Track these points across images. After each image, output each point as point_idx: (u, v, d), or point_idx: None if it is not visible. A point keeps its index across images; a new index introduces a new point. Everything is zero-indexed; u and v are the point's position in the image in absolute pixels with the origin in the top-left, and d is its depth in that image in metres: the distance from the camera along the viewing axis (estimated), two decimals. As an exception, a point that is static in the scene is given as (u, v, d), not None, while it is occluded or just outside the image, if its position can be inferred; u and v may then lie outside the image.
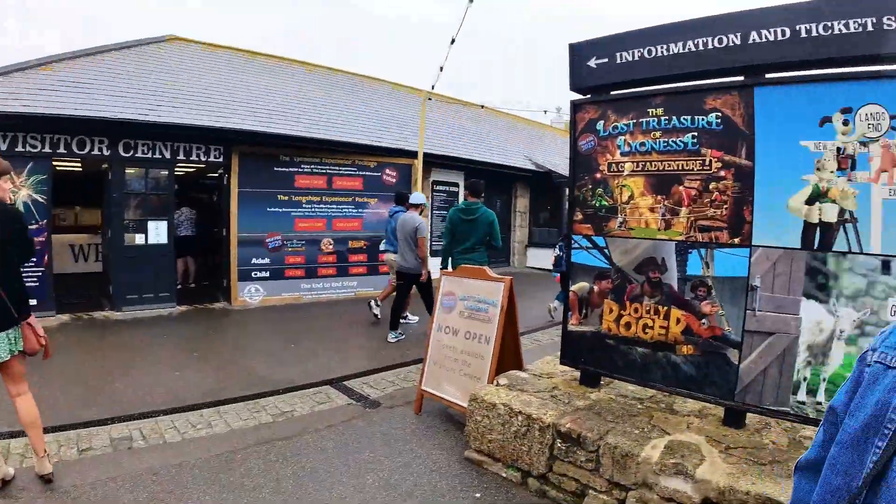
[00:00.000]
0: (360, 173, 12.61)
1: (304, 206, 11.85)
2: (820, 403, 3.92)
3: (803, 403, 3.98)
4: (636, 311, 4.69)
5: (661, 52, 4.56)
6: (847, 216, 3.80)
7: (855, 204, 3.78)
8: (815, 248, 3.90)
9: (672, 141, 4.52)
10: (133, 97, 10.55)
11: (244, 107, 12.10)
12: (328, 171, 12.21)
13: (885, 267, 3.68)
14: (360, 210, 12.61)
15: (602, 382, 5.21)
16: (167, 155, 10.56)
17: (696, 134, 4.42)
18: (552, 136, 26.33)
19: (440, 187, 15.37)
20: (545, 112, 34.03)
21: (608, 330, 4.85)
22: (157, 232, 10.55)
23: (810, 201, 3.93)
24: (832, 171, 3.85)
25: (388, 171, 12.98)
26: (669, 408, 4.76)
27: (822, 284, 3.90)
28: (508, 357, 5.59)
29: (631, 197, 4.71)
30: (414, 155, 13.00)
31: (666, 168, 4.54)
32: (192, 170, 14.24)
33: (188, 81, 12.56)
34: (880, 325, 3.59)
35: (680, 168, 4.48)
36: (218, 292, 11.69)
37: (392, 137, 14.01)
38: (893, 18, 3.67)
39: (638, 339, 4.69)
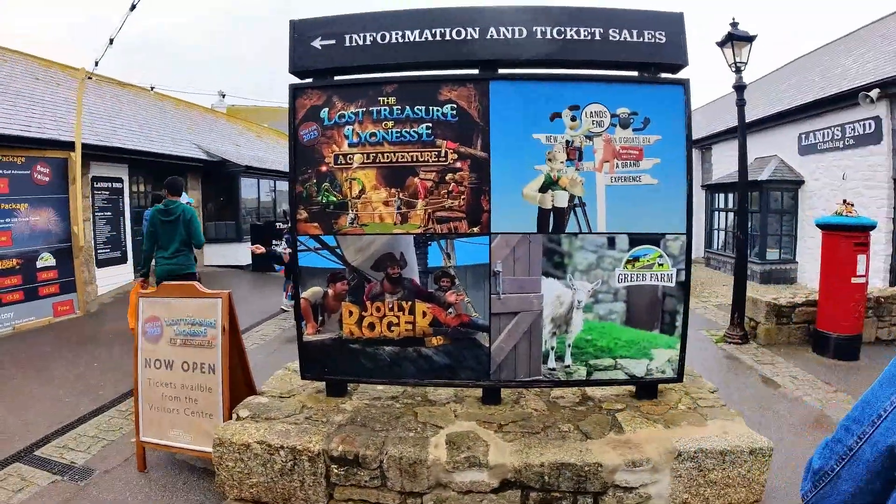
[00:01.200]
0: (6, 172, 10.51)
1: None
2: (568, 367, 4.64)
3: (553, 370, 4.64)
4: (378, 310, 4.68)
5: (397, 38, 4.53)
6: (577, 201, 4.50)
7: (583, 190, 4.50)
8: (550, 231, 4.52)
9: (406, 131, 4.56)
10: None
11: None
12: (-43, 169, 10.06)
13: (611, 243, 4.55)
14: (7, 220, 10.53)
15: (349, 388, 5.11)
16: None
17: (431, 125, 4.53)
18: (225, 123, 25.15)
19: (102, 184, 13.60)
20: (223, 97, 32.35)
21: (350, 334, 4.74)
22: None
23: (543, 189, 4.50)
24: (562, 162, 4.49)
25: (39, 167, 11.03)
26: (426, 399, 4.97)
27: (559, 263, 4.56)
28: (238, 382, 5.06)
29: (362, 191, 4.61)
30: (69, 147, 11.34)
31: (400, 160, 4.57)
32: None
33: None
34: (610, 292, 4.57)
35: (415, 160, 4.55)
36: None
37: (43, 126, 12.00)
38: (617, 31, 4.42)
39: (384, 338, 4.74)
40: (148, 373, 5.07)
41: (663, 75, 4.63)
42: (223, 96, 32.60)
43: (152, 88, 15.43)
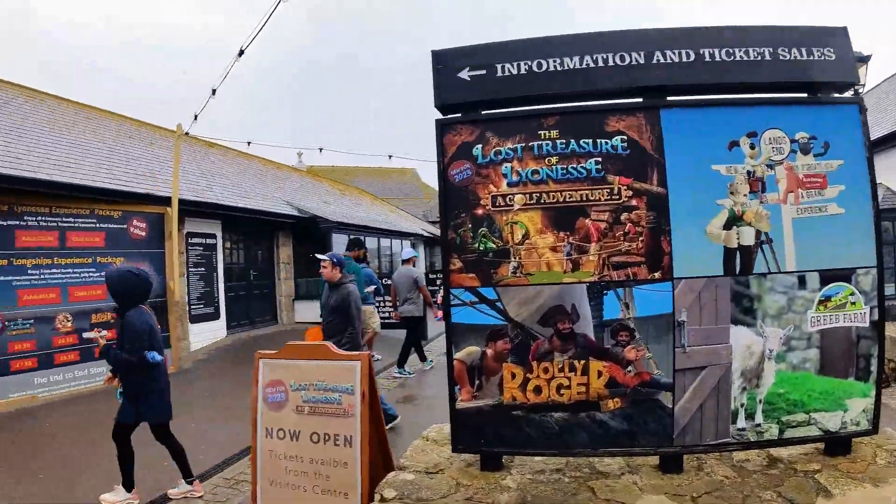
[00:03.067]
0: (102, 226, 10.67)
1: (29, 271, 9.65)
2: (759, 425, 4.03)
3: (743, 430, 4.05)
4: (546, 371, 4.07)
5: (555, 65, 4.10)
6: (763, 237, 4.02)
7: (769, 225, 4.02)
8: (737, 272, 4.02)
9: (572, 168, 4.05)
10: None
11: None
12: (61, 224, 10.13)
13: (801, 282, 4.05)
14: (102, 274, 10.52)
15: (504, 461, 4.44)
16: None
17: (599, 159, 4.03)
18: (310, 181, 25.54)
19: (196, 240, 13.67)
20: (299, 155, 33.09)
21: (513, 399, 4.12)
22: None
23: (728, 226, 4.01)
24: (745, 195, 4.01)
25: (136, 221, 11.16)
26: (594, 470, 4.33)
27: (748, 308, 4.04)
28: (375, 455, 4.48)
29: (526, 235, 4.09)
30: (165, 202, 11.41)
31: (567, 199, 4.05)
32: None
33: None
34: (803, 338, 4.02)
35: (584, 198, 4.03)
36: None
37: (139, 182, 12.16)
38: (786, 50, 4.03)
39: (553, 403, 4.09)
40: (269, 444, 4.64)
41: (835, 95, 4.25)
42: (300, 156, 33.27)
43: (249, 144, 15.47)
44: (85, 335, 8.89)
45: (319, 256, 7.30)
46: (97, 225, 10.60)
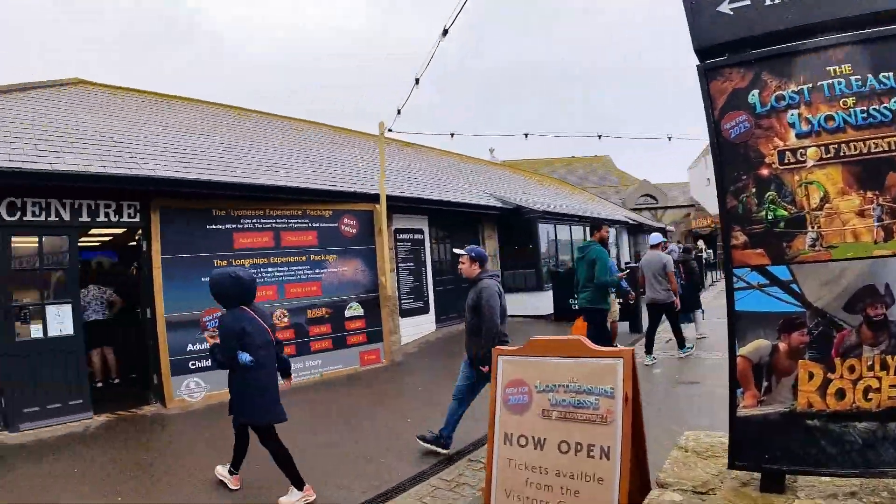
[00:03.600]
0: (314, 225, 10.75)
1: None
2: None
3: None
4: (852, 370, 3.09)
5: None
6: None
7: None
8: None
9: (874, 110, 3.03)
10: (16, 143, 8.50)
11: (164, 152, 10.15)
12: (275, 225, 10.30)
13: None
14: (317, 270, 10.71)
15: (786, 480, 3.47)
16: (66, 216, 8.48)
17: None
18: (508, 173, 25.11)
19: (404, 236, 13.60)
20: (491, 151, 32.80)
21: (808, 406, 3.19)
22: (60, 319, 8.29)
23: None
24: None
25: (346, 219, 11.16)
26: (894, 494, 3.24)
27: None
28: (633, 468, 3.66)
29: (824, 198, 3.15)
30: (374, 199, 11.27)
31: (872, 150, 3.04)
32: (106, 237, 12.17)
33: (90, 122, 10.60)
34: None
35: (893, 147, 3.00)
36: (148, 390, 9.39)
37: (346, 182, 12.21)
38: None
39: (857, 410, 3.07)
40: (508, 451, 4.05)
41: None
42: (492, 152, 32.86)
43: (452, 135, 15.16)
44: (200, 335, 9.01)
45: (457, 251, 6.72)
46: (310, 224, 10.66)
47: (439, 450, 6.39)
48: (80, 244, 14.02)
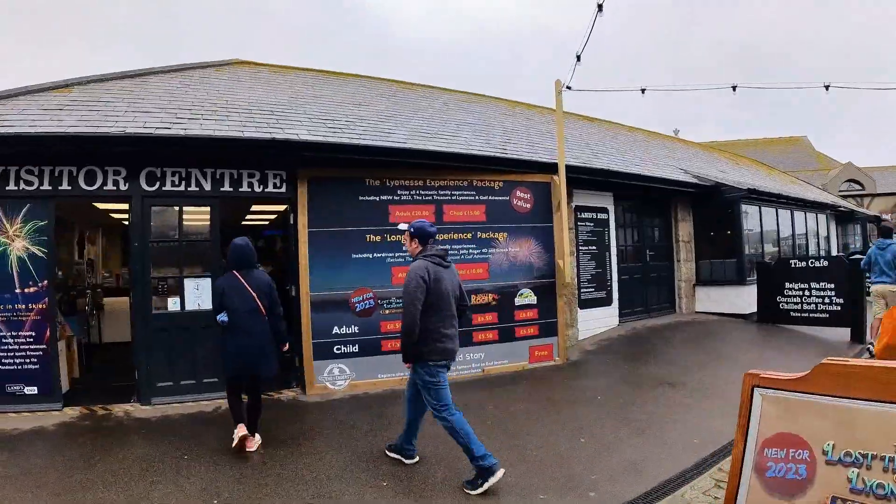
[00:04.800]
0: (482, 198, 9.17)
1: (404, 248, 8.44)
2: None
3: None
4: None
5: None
6: None
7: None
8: None
9: None
10: (157, 113, 7.82)
11: (314, 120, 9.02)
12: (436, 197, 8.85)
13: None
14: (484, 250, 9.13)
15: None
16: (206, 186, 7.69)
17: None
18: (698, 151, 22.46)
19: (585, 214, 11.69)
20: (676, 132, 29.94)
21: None
22: (198, 293, 7.64)
23: None
24: None
25: (518, 192, 9.47)
26: None
27: None
28: None
29: None
30: (551, 169, 9.56)
31: None
32: (258, 216, 11.38)
33: (242, 95, 9.72)
34: None
35: None
36: (289, 374, 8.33)
37: (520, 151, 10.56)
38: None
39: None
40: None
41: None
42: (676, 133, 29.93)
43: (643, 91, 12.81)
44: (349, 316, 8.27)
45: (401, 226, 5.81)
46: (476, 197, 9.12)
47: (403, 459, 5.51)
48: (248, 222, 13.38)
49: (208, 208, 7.80)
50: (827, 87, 9.22)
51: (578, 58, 8.54)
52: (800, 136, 51.06)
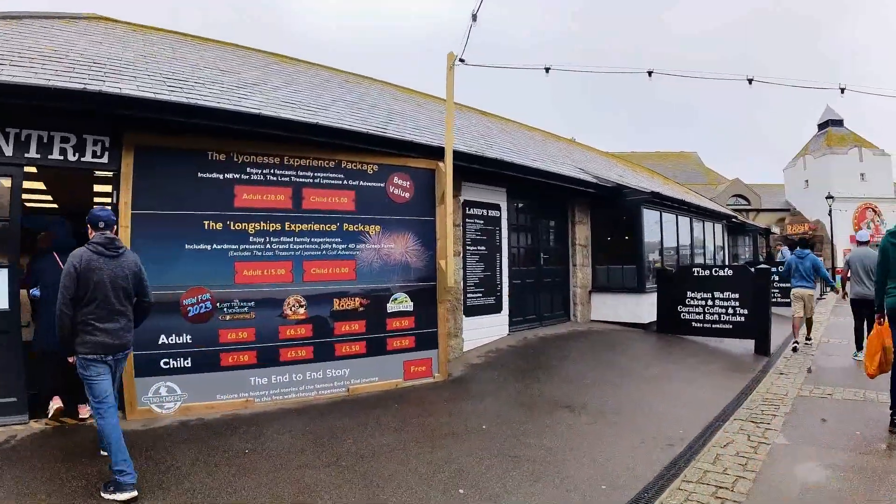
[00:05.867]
0: (351, 183, 7.71)
1: (252, 240, 6.96)
2: None
3: None
4: None
5: None
6: None
7: None
8: None
9: None
10: None
11: (158, 77, 7.37)
12: (295, 178, 7.32)
13: None
14: (351, 246, 7.69)
15: None
16: (7, 150, 5.94)
17: None
18: (597, 156, 21.77)
19: (475, 211, 10.39)
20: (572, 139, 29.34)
21: None
22: None
23: None
24: None
25: (397, 178, 8.08)
26: None
27: None
28: None
29: None
30: (436, 154, 8.23)
31: None
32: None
33: (81, 48, 8.00)
34: None
35: None
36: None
37: (401, 130, 9.17)
38: None
39: None
40: None
41: None
42: (573, 140, 29.50)
43: (547, 70, 11.46)
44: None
45: None
46: (345, 182, 7.66)
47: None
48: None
49: (8, 179, 6.00)
50: (750, 81, 8.51)
51: (474, 17, 7.23)
52: (690, 151, 53.56)
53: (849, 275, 10.40)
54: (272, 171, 7.13)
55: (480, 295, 10.38)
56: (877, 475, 4.89)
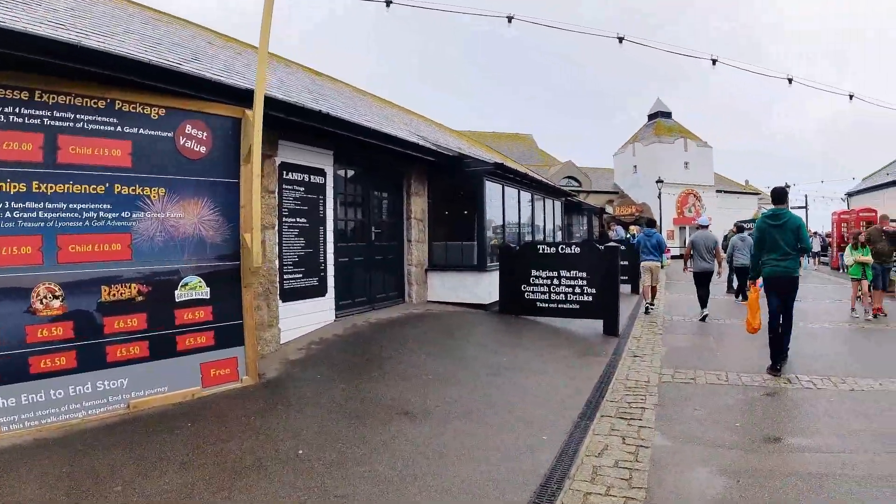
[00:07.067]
0: (127, 130, 5.92)
1: (-4, 203, 5.19)
2: None
3: None
4: None
5: None
6: None
7: None
8: None
9: None
10: None
11: None
12: (49, 122, 5.45)
13: None
14: (126, 214, 5.92)
15: None
16: None
17: None
18: (437, 129, 20.83)
19: (295, 175, 8.82)
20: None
21: None
22: None
23: None
24: None
25: (190, 127, 6.38)
26: None
27: None
28: None
29: None
30: (244, 99, 6.69)
31: None
32: None
33: None
34: None
35: None
36: None
37: (204, 68, 7.45)
38: None
39: None
40: None
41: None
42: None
43: (388, 4, 9.89)
44: None
45: None
46: (119, 128, 5.89)
47: None
48: None
49: None
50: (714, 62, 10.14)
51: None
52: (526, 133, 55.35)
53: (691, 252, 13.22)
54: (17, 110, 5.25)
55: (301, 276, 8.90)
56: (774, 476, 4.56)
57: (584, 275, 10.59)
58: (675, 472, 4.66)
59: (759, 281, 8.55)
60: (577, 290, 10.64)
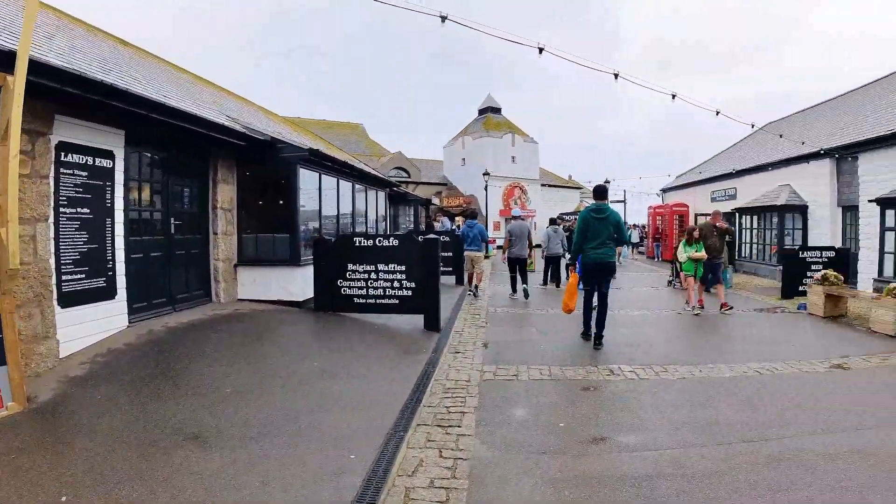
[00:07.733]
0: None
1: None
2: None
3: None
4: None
5: None
6: None
7: None
8: None
9: None
10: None
11: None
12: None
13: None
14: None
15: None
16: None
17: None
18: (254, 111, 19.66)
19: (75, 158, 7.65)
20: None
21: None
22: None
23: None
24: None
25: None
26: None
27: None
28: None
29: None
30: (7, 64, 5.62)
31: None
32: None
33: None
34: None
35: None
36: None
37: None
38: None
39: None
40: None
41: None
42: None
43: None
44: None
45: None
46: None
47: None
48: None
49: None
50: (541, 51, 9.98)
51: None
52: (357, 122, 56.25)
53: (511, 239, 15.69)
54: None
55: (84, 276, 7.78)
56: (603, 484, 4.48)
57: (403, 268, 10.33)
58: (496, 488, 4.38)
59: (577, 266, 10.20)
60: (396, 284, 10.36)
